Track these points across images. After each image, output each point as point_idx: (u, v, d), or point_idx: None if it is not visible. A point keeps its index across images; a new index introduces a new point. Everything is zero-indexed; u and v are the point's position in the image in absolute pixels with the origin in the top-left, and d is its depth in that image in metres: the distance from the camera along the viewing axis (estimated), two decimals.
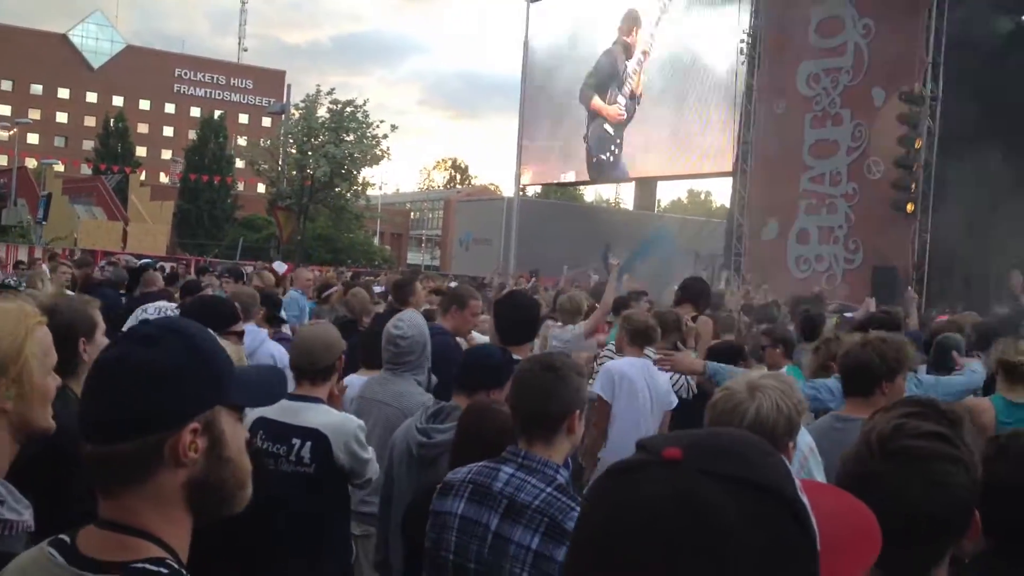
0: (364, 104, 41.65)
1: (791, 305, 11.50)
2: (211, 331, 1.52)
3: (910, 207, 18.57)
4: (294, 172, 42.61)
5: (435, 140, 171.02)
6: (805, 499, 0.94)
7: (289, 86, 47.22)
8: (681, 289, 7.52)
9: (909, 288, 9.80)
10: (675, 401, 5.79)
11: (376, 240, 61.75)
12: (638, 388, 5.58)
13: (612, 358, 6.10)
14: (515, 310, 5.05)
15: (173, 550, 1.39)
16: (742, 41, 23.86)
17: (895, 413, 1.76)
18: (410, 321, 4.69)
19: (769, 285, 15.65)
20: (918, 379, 4.77)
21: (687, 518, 0.86)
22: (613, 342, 6.43)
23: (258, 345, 6.03)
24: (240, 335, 5.12)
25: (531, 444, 2.71)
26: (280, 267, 15.27)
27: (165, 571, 1.34)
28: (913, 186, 18.56)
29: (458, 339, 5.69)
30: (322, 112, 41.90)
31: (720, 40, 27.12)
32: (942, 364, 5.96)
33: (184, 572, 1.38)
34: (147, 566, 1.33)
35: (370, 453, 3.85)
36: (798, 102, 21.34)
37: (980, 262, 19.22)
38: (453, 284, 11.45)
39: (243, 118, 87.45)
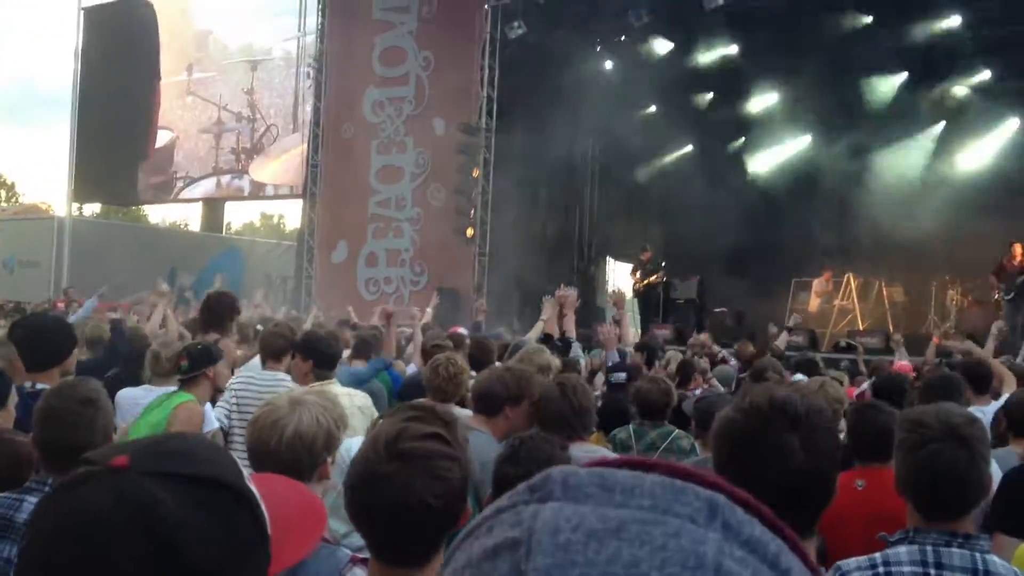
0: None
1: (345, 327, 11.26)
2: None
3: (470, 232, 19.67)
4: None
5: None
6: (254, 488, 1.02)
7: None
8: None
9: (481, 301, 10.38)
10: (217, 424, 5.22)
11: None
12: None
13: None
14: (36, 334, 4.51)
15: None
16: (308, 65, 24.00)
17: (399, 418, 1.94)
18: None
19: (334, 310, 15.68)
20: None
21: (129, 517, 0.90)
22: None
23: None
24: None
25: (61, 474, 2.51)
26: None
27: None
28: (472, 212, 19.72)
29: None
30: None
31: (288, 61, 27.16)
32: None
33: None
34: None
35: None
36: (365, 128, 21.77)
37: (535, 282, 20.85)
38: None
39: None
